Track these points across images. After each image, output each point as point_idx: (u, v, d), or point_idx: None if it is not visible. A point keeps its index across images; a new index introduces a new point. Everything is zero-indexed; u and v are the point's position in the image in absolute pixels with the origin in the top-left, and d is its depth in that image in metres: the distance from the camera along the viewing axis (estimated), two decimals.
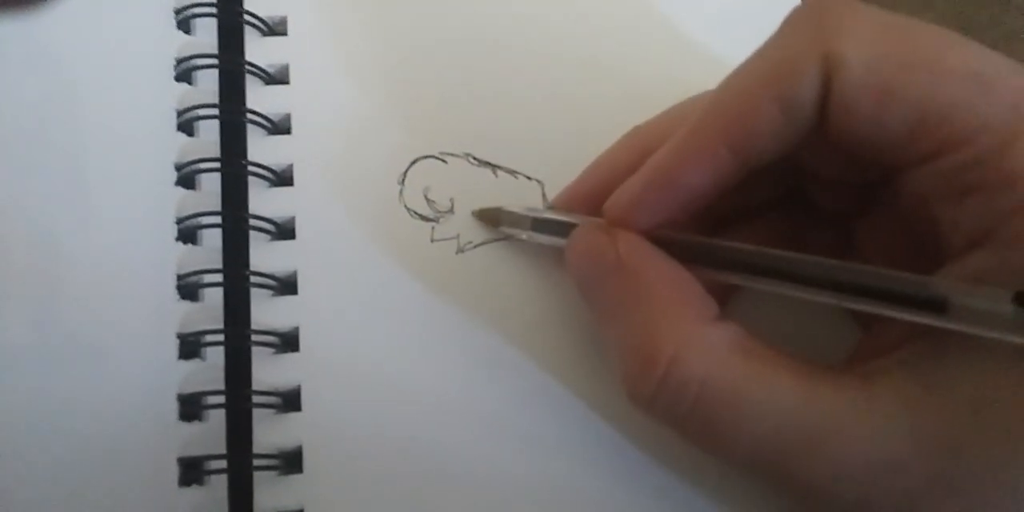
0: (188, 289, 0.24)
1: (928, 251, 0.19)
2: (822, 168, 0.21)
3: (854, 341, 0.21)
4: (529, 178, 0.25)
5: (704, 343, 0.18)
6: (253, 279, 0.24)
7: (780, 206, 0.23)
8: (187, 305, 0.24)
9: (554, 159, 0.25)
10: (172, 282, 0.24)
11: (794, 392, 0.17)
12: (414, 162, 0.25)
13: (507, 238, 0.25)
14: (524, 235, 0.23)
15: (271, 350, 0.24)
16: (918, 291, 0.16)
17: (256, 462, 0.23)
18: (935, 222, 0.18)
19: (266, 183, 0.25)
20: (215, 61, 0.25)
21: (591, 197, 0.22)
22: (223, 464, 0.22)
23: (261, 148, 0.25)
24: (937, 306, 0.16)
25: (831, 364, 0.19)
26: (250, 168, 0.24)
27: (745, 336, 0.19)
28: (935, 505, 0.16)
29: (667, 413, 0.18)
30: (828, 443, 0.17)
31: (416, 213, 0.25)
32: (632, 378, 0.19)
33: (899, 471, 0.16)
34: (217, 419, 0.23)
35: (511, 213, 0.24)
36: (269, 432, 0.23)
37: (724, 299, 0.22)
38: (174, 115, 0.25)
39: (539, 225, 0.23)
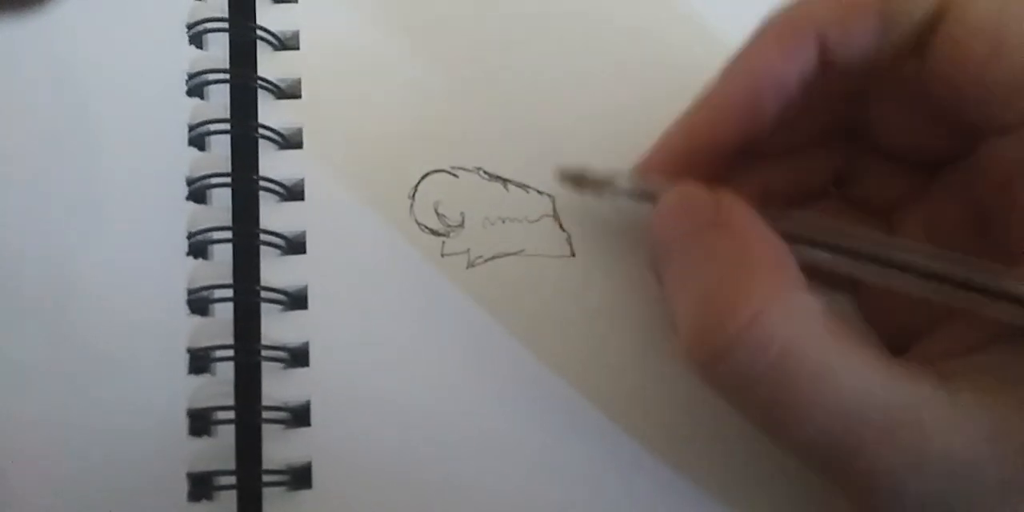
0: (198, 304, 0.24)
1: (988, 239, 0.18)
2: (896, 133, 0.20)
3: None
4: (540, 192, 0.25)
5: (793, 307, 0.17)
6: (263, 294, 0.24)
7: (819, 199, 0.23)
8: (197, 320, 0.24)
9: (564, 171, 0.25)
10: (182, 297, 0.24)
11: (878, 374, 0.16)
12: (425, 176, 0.25)
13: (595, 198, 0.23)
14: (612, 199, 0.22)
15: (281, 365, 0.23)
16: None
17: (265, 477, 0.23)
18: (1012, 202, 0.17)
19: (277, 197, 0.25)
20: (227, 76, 0.25)
21: (679, 156, 0.21)
22: (232, 480, 0.22)
23: (272, 163, 0.25)
24: None
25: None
26: (261, 183, 0.24)
27: (829, 312, 0.17)
28: (1006, 509, 0.15)
29: (735, 373, 0.17)
30: (904, 431, 0.16)
31: (426, 227, 0.25)
32: (702, 331, 0.17)
33: (975, 471, 0.15)
34: (226, 434, 0.23)
35: (597, 175, 0.23)
36: (278, 447, 0.23)
37: None
38: (186, 130, 0.25)
39: (630, 189, 0.22)
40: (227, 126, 0.25)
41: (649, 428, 0.23)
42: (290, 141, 0.25)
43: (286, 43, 0.26)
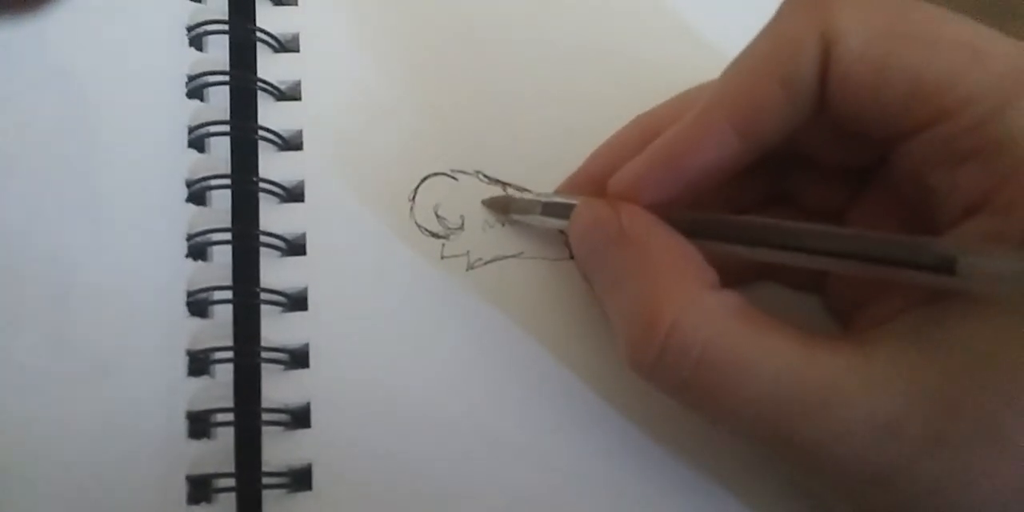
0: (198, 306, 0.24)
1: (921, 231, 0.19)
2: (819, 152, 0.21)
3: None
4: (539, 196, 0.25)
5: (705, 308, 0.18)
6: (263, 295, 0.24)
7: (763, 211, 0.23)
8: (197, 322, 0.24)
9: (565, 177, 0.25)
10: (182, 299, 0.24)
11: (794, 354, 0.17)
12: (425, 179, 0.25)
13: (515, 223, 0.25)
14: (535, 220, 0.24)
15: (281, 367, 0.23)
16: (926, 253, 0.16)
17: (265, 480, 0.22)
18: (931, 193, 0.18)
19: (277, 199, 0.25)
20: (227, 78, 0.25)
21: (595, 182, 0.22)
22: (232, 482, 0.22)
23: (272, 164, 0.25)
24: (945, 268, 0.16)
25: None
26: (261, 184, 0.24)
27: (744, 303, 0.19)
28: (932, 464, 0.16)
29: (669, 379, 0.18)
30: (828, 404, 0.17)
31: (426, 230, 0.25)
32: (633, 345, 0.19)
33: (897, 431, 0.16)
34: (226, 437, 0.23)
35: (520, 199, 0.24)
36: (278, 449, 0.23)
37: None
38: (185, 132, 0.25)
39: (548, 209, 0.23)
40: (227, 128, 0.25)
41: (651, 433, 0.23)
42: (290, 143, 0.25)
43: (286, 45, 0.26)
